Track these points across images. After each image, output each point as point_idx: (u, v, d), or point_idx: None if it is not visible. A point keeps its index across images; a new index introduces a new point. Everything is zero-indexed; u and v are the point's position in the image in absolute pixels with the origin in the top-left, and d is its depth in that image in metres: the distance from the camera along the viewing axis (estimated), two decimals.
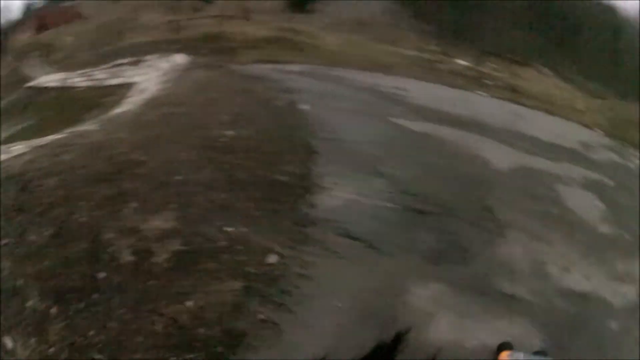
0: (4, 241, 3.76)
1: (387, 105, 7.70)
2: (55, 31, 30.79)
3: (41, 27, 35.32)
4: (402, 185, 4.76)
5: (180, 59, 10.10)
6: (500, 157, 5.78)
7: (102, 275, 3.44)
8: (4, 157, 5.21)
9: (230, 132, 5.62)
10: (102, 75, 13.74)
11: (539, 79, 16.75)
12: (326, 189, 4.64)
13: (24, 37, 35.10)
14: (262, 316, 3.19)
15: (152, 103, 6.06)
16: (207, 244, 3.69)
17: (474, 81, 11.98)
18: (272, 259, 3.67)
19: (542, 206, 5.20)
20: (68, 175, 4.37)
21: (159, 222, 3.82)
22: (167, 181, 4.43)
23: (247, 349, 2.97)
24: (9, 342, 3.20)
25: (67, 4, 38.72)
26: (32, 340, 3.19)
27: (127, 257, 3.53)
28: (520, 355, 2.97)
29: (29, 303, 3.35)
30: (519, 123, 7.96)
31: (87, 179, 4.34)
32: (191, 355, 2.91)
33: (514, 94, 10.99)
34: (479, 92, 10.29)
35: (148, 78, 9.91)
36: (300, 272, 3.61)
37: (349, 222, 4.19)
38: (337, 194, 4.59)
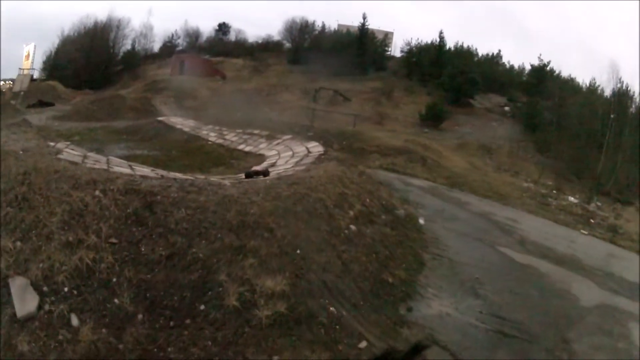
0: (112, 239, 3.94)
1: (497, 233, 8.37)
2: (192, 79, 33.51)
3: (179, 69, 36.23)
4: (494, 308, 5.25)
5: (314, 146, 10.76)
6: (589, 294, 6.22)
7: (202, 307, 3.73)
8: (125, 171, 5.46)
9: (353, 227, 5.96)
10: (233, 138, 14.83)
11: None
12: (426, 298, 5.21)
13: (160, 71, 37.84)
14: None
15: (286, 180, 6.38)
16: (309, 316, 3.98)
17: (579, 218, 12.37)
18: (363, 344, 4.00)
19: (612, 341, 5.35)
20: (197, 213, 4.50)
21: (271, 283, 4.04)
22: (288, 252, 4.59)
23: None
24: (75, 319, 3.33)
25: (213, 59, 40.62)
26: (104, 330, 3.36)
27: (232, 300, 3.77)
28: None
29: (117, 300, 3.54)
30: (612, 263, 8.14)
31: (214, 223, 4.48)
32: None
33: (614, 235, 10.92)
34: (582, 231, 10.44)
35: (280, 155, 10.66)
36: None
37: (438, 332, 4.67)
38: (434, 305, 5.14)
